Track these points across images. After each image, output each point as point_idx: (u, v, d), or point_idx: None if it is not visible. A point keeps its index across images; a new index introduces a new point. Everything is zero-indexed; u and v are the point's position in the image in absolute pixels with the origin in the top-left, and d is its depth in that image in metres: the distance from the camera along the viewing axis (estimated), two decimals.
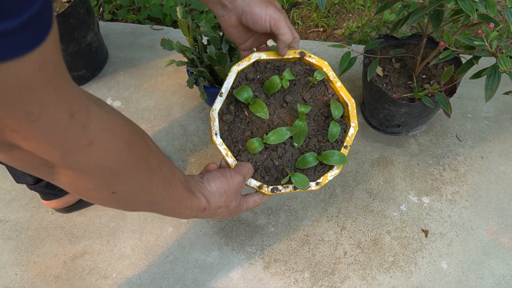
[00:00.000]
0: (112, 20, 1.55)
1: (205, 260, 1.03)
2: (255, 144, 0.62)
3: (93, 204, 1.10)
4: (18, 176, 0.92)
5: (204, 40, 1.29)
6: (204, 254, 1.04)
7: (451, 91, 1.04)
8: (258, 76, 0.66)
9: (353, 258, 1.02)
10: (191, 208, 0.51)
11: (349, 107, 0.66)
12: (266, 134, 0.63)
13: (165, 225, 1.07)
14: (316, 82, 0.67)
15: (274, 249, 1.04)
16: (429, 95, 1.01)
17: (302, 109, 0.63)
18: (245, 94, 0.62)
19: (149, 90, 1.31)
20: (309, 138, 0.66)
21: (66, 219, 1.09)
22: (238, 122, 0.65)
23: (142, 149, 0.41)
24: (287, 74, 0.64)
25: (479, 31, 0.77)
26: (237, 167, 0.59)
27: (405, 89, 1.09)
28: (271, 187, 0.62)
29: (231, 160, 0.61)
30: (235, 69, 0.64)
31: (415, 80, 1.07)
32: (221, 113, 0.63)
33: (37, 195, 1.09)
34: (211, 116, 0.62)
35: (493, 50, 0.76)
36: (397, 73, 1.11)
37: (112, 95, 1.30)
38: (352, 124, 0.66)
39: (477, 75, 0.84)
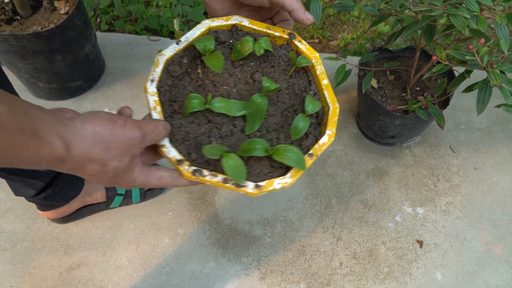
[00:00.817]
0: (109, 30, 1.56)
1: (201, 271, 1.03)
2: (193, 102, 0.48)
3: (88, 215, 1.10)
4: (17, 189, 0.92)
5: None
6: (200, 265, 1.04)
7: (444, 103, 1.05)
8: (231, 41, 0.55)
9: (348, 269, 1.03)
10: (33, 159, 0.36)
11: (330, 112, 0.52)
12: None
13: (162, 236, 1.08)
14: (298, 70, 0.56)
15: (270, 260, 1.04)
16: (423, 107, 1.03)
17: (267, 84, 0.51)
18: (206, 43, 0.51)
19: (146, 101, 1.32)
20: (268, 131, 0.52)
21: (62, 230, 1.09)
22: (186, 81, 0.53)
23: None
24: (263, 42, 0.53)
25: (470, 46, 0.79)
26: (140, 120, 0.44)
27: (399, 101, 1.10)
28: (194, 167, 0.46)
29: (157, 115, 0.48)
30: (207, 23, 0.53)
31: (409, 92, 1.08)
32: (169, 63, 0.52)
33: (33, 206, 1.09)
34: (156, 60, 0.50)
35: (484, 65, 0.78)
36: (392, 85, 1.13)
37: (109, 105, 1.31)
38: (328, 132, 0.51)
39: (469, 89, 0.85)
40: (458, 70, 1.05)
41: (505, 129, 1.24)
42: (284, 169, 0.49)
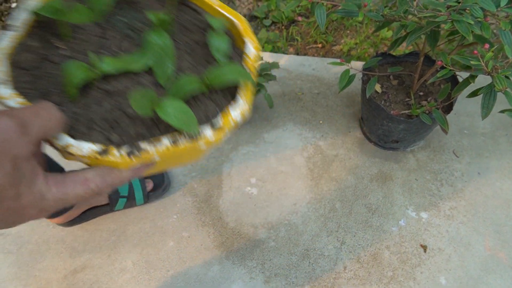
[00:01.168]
0: None
1: (206, 274, 1.03)
2: (75, 72, 0.36)
3: (94, 217, 1.10)
4: None
5: None
6: (205, 268, 1.04)
7: (448, 108, 1.06)
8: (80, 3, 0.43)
9: (352, 273, 1.03)
10: None
11: (239, 25, 0.45)
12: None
13: (166, 239, 1.08)
14: (177, 7, 0.46)
15: (274, 264, 1.04)
16: (427, 112, 1.04)
17: (152, 16, 0.40)
18: (52, 4, 0.38)
19: None
20: (185, 73, 0.41)
21: (67, 233, 1.09)
22: (49, 67, 0.39)
23: None
24: None
25: (475, 52, 0.79)
26: (12, 108, 0.31)
27: (403, 105, 1.11)
28: (127, 148, 0.35)
29: None
30: None
31: (412, 97, 1.09)
32: (14, 55, 0.39)
33: None
34: None
35: (489, 70, 0.78)
36: (395, 90, 1.14)
37: None
38: (248, 42, 0.43)
39: (473, 94, 0.86)
40: (462, 75, 1.06)
41: (509, 134, 1.25)
42: (230, 97, 0.41)
